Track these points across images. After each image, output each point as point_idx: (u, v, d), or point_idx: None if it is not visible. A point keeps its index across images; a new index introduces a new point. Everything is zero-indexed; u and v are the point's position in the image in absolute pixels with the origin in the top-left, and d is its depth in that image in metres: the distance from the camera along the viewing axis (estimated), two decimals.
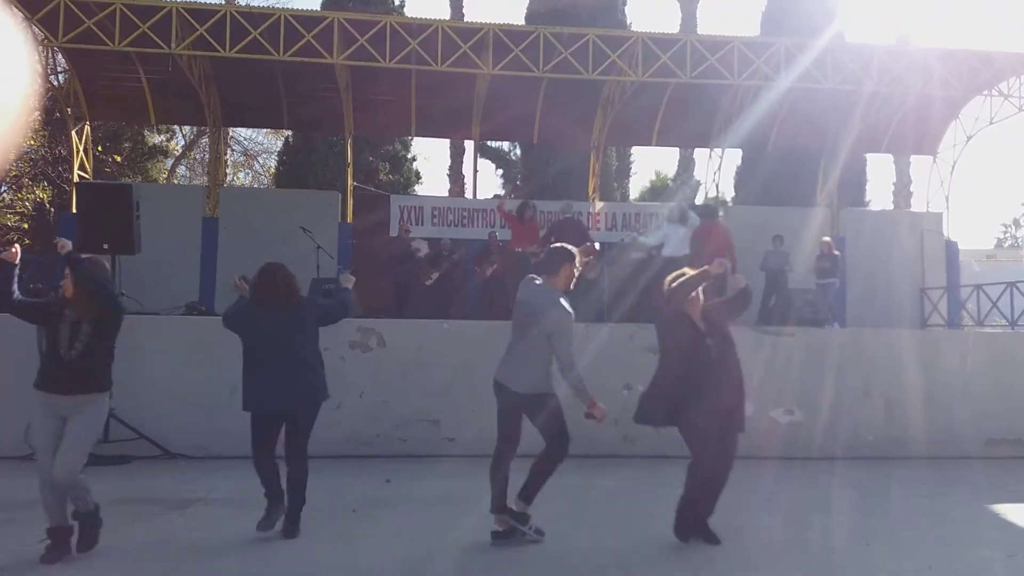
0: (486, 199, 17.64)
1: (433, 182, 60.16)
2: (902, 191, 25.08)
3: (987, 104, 14.86)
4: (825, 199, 16.35)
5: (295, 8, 13.38)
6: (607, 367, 7.39)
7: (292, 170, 20.99)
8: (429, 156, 39.45)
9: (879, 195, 53.52)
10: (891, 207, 24.16)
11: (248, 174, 27.17)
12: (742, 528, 5.35)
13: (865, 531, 5.35)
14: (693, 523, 4.94)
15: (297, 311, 5.04)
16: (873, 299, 14.54)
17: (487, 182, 35.15)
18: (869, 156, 21.59)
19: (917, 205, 24.16)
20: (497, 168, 25.93)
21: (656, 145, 17.35)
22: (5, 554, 4.46)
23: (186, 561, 4.48)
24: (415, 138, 21.08)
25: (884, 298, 14.58)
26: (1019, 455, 8.56)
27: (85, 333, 4.41)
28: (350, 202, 15.39)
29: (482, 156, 22.94)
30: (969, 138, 15.77)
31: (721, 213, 13.59)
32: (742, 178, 22.65)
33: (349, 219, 15.13)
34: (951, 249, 16.01)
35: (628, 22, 22.15)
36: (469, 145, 20.36)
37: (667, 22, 45.18)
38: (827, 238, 13.59)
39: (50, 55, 14.04)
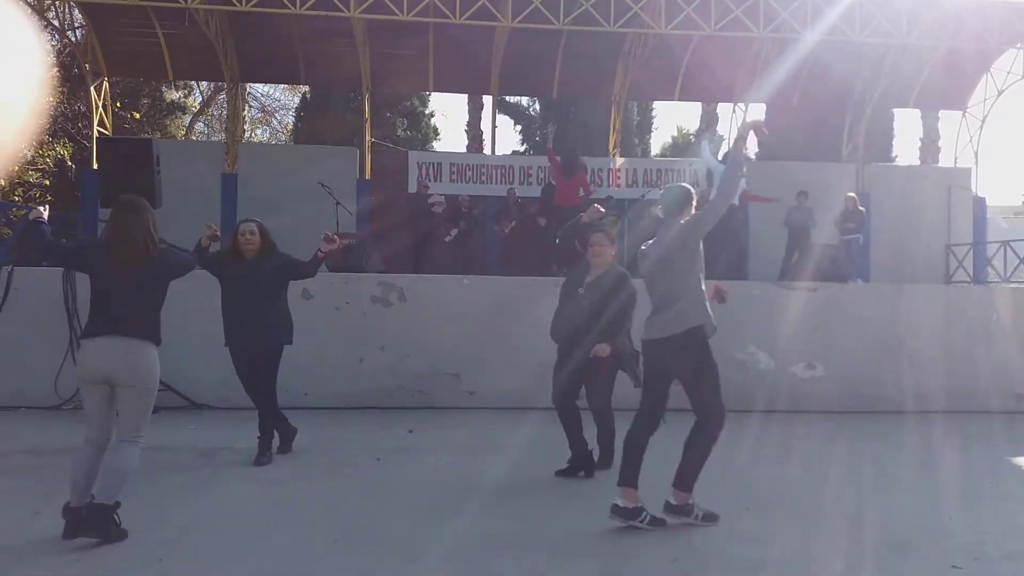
0: (505, 155, 17.53)
1: (451, 138, 59.83)
2: (930, 146, 24.57)
3: (1019, 57, 14.47)
4: (851, 154, 16.07)
5: None
6: None
7: (310, 126, 20.95)
8: (447, 112, 39.01)
9: (906, 151, 52.58)
10: (918, 163, 23.70)
11: (266, 130, 27.14)
12: (760, 478, 5.37)
13: (883, 483, 5.35)
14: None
15: (266, 263, 5.57)
16: (898, 255, 14.37)
17: (506, 138, 34.85)
18: (896, 111, 21.17)
19: (945, 161, 23.72)
20: (516, 124, 25.70)
21: (679, 100, 17.09)
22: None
23: (213, 507, 4.56)
24: (433, 93, 20.93)
25: (909, 254, 14.41)
26: None
27: None
28: (368, 158, 15.34)
29: (501, 112, 22.75)
30: (1000, 92, 15.40)
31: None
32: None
33: (367, 175, 15.10)
34: (979, 205, 15.74)
35: None
36: (487, 101, 20.16)
37: None
38: (852, 194, 13.38)
39: (67, 10, 13.98)
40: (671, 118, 59.94)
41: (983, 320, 8.73)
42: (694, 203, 4.37)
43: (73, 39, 14.89)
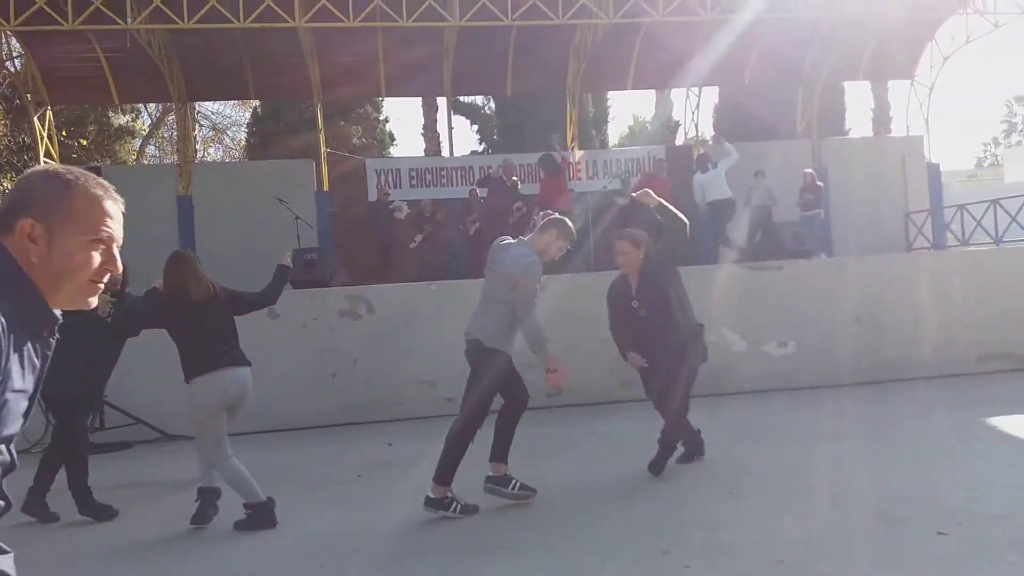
0: (464, 156, 17.44)
1: (408, 143, 59.50)
2: (881, 117, 25.01)
3: (963, 23, 14.71)
4: (805, 130, 16.25)
5: None
6: (595, 315, 7.36)
7: (263, 141, 20.69)
8: (401, 117, 38.86)
9: (859, 123, 53.53)
10: (872, 134, 24.08)
11: (219, 149, 26.77)
12: (740, 460, 5.38)
13: (863, 456, 5.39)
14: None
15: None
16: (858, 227, 14.56)
17: (463, 139, 34.80)
18: (847, 84, 21.46)
19: (897, 130, 24.15)
20: (472, 124, 25.62)
21: (632, 89, 17.13)
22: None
23: (195, 539, 4.45)
24: (386, 99, 20.76)
25: (869, 225, 14.60)
26: (1012, 368, 8.66)
27: None
28: (325, 169, 15.15)
29: (456, 113, 22.62)
30: (946, 59, 15.65)
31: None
32: (721, 116, 22.48)
33: (326, 187, 14.91)
34: (933, 172, 16.01)
35: None
36: (442, 103, 20.05)
37: None
38: (809, 170, 13.52)
39: (3, 39, 13.60)
40: (627, 107, 60.36)
41: (946, 285, 8.86)
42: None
43: (12, 69, 14.50)
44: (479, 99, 24.62)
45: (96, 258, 1.45)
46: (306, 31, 13.16)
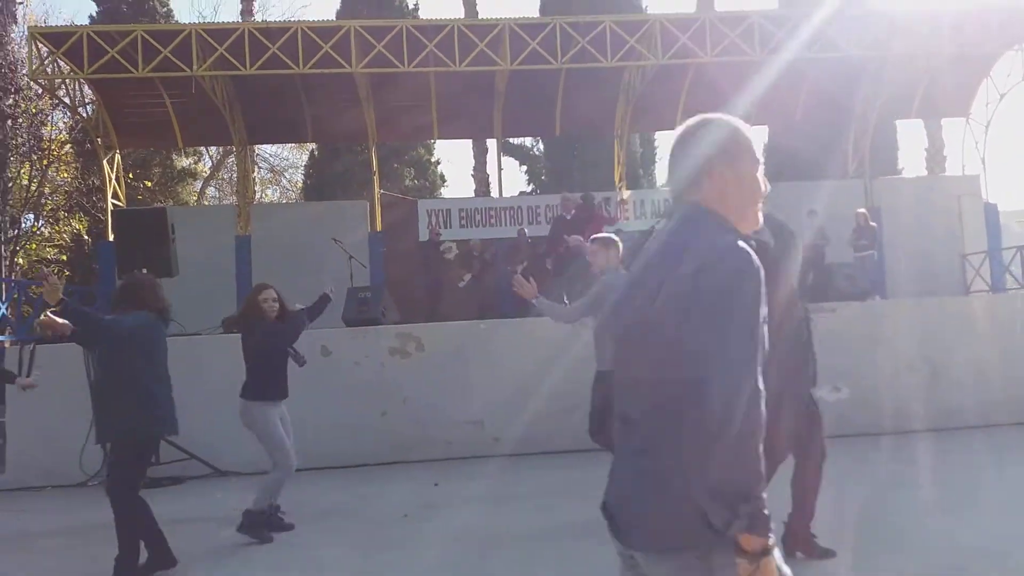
0: (512, 196, 17.62)
1: (458, 184, 60.32)
2: (935, 156, 24.51)
3: (1019, 59, 14.47)
4: (857, 170, 16.04)
5: (311, 20, 13.47)
6: None
7: (319, 183, 21.20)
8: (452, 158, 39.46)
9: (912, 162, 52.44)
10: (925, 173, 23.63)
11: (276, 190, 27.52)
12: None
13: (925, 506, 5.23)
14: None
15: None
16: (913, 268, 14.23)
17: (512, 180, 35.12)
18: (899, 123, 21.14)
19: (952, 169, 23.64)
20: (521, 165, 25.89)
21: None
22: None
23: (254, 571, 4.53)
24: (437, 141, 21.16)
25: (924, 266, 14.26)
26: None
27: None
28: (378, 210, 15.47)
29: (505, 154, 22.91)
30: (1002, 96, 15.36)
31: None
32: (771, 154, 22.33)
33: (379, 227, 15.21)
34: (990, 212, 15.60)
35: (644, 5, 21.99)
36: (491, 144, 20.34)
37: (683, 2, 44.76)
38: (862, 209, 13.32)
39: (77, 87, 14.32)
40: None
41: (1006, 329, 8.60)
42: None
43: (84, 115, 15.23)
44: (528, 140, 24.91)
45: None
46: (362, 76, 13.56)
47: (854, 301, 9.74)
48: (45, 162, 19.71)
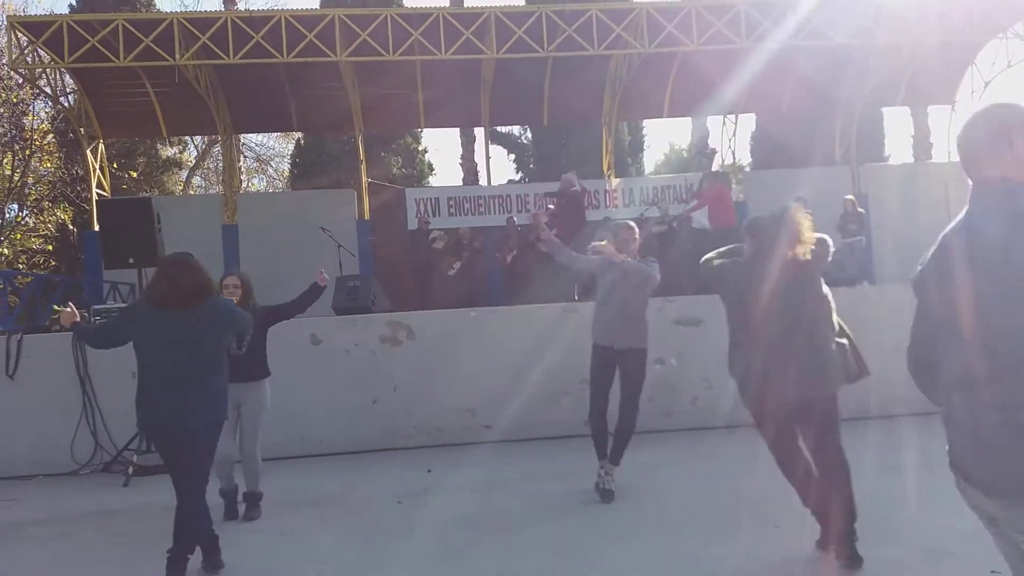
0: (501, 185, 17.62)
1: (446, 173, 60.17)
2: (922, 143, 24.68)
3: (1003, 47, 14.57)
4: (844, 157, 16.13)
5: (294, 8, 13.37)
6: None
7: (306, 171, 21.09)
8: (440, 147, 39.39)
9: (899, 149, 52.79)
10: (912, 160, 23.78)
11: (262, 179, 27.36)
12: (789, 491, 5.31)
13: (913, 489, 5.29)
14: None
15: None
16: (901, 254, 14.33)
17: (500, 168, 35.08)
18: (885, 110, 21.27)
19: (938, 156, 23.82)
20: (509, 153, 25.86)
21: (668, 116, 17.21)
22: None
23: (246, 561, 4.52)
24: (425, 130, 21.09)
25: (912, 252, 14.21)
26: None
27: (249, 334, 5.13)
28: (366, 199, 15.42)
29: (493, 143, 22.88)
30: (987, 83, 15.49)
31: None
32: (758, 142, 22.42)
33: (366, 216, 15.17)
34: None
35: None
36: (479, 133, 20.31)
37: None
38: (850, 196, 13.41)
39: (58, 76, 14.16)
40: (663, 135, 60.41)
41: None
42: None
43: (66, 104, 15.07)
44: (515, 129, 24.87)
45: None
46: (347, 65, 13.49)
47: (842, 287, 9.81)
48: (28, 152, 19.51)
